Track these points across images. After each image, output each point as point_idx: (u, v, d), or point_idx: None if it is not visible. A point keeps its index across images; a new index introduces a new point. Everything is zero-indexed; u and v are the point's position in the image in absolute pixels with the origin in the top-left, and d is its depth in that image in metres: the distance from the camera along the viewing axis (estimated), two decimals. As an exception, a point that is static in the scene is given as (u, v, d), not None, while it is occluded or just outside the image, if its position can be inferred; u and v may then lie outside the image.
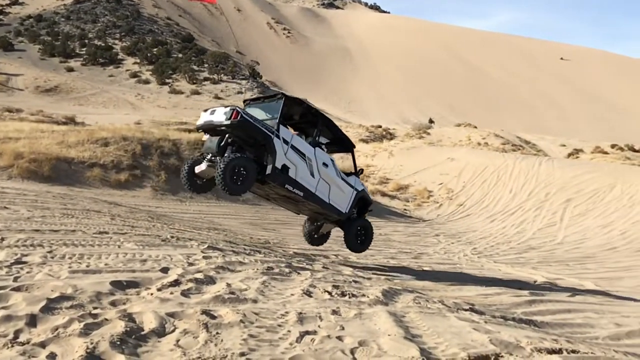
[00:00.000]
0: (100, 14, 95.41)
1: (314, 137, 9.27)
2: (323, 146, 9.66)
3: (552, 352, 4.02)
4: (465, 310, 5.98)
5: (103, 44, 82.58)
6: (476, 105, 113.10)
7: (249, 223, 16.06)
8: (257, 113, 8.94)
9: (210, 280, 5.28)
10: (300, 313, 4.34)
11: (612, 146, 46.53)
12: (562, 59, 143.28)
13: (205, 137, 8.95)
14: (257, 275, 5.80)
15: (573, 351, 4.24)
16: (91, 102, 58.35)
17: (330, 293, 5.32)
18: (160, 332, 3.67)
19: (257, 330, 3.81)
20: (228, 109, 8.23)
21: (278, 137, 8.40)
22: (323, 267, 8.10)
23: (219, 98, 66.88)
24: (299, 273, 6.43)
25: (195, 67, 77.78)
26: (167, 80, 71.99)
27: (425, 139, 45.67)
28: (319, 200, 9.16)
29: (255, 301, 4.65)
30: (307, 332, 3.86)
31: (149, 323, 3.79)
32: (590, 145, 47.51)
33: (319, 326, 4.06)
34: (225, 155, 8.19)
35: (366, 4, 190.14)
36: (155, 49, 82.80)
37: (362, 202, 10.27)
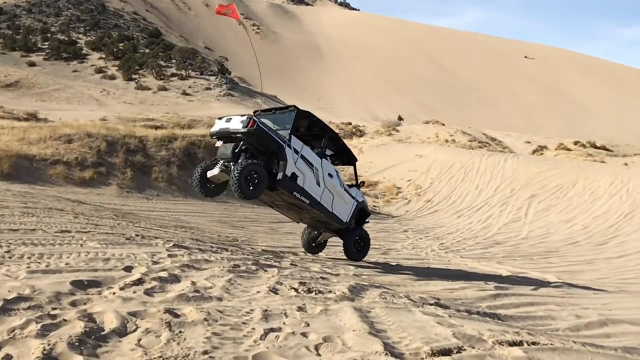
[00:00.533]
0: (64, 7, 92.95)
1: (321, 149, 9.73)
2: (328, 158, 10.14)
3: (513, 344, 4.11)
4: (431, 304, 6.05)
5: (66, 39, 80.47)
6: (444, 102, 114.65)
7: (217, 221, 15.93)
8: (268, 123, 9.24)
9: (175, 279, 5.21)
10: (266, 310, 4.32)
11: (575, 143, 47.79)
12: (526, 57, 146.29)
13: (219, 143, 9.31)
14: (223, 273, 5.75)
15: (533, 343, 4.34)
16: (54, 98, 56.88)
17: (296, 290, 5.31)
18: (121, 331, 3.60)
19: (221, 328, 3.77)
20: (245, 117, 8.68)
21: (290, 146, 8.92)
22: (291, 264, 8.08)
23: (187, 94, 66.04)
24: (265, 270, 6.40)
25: (162, 63, 76.54)
26: (134, 76, 70.66)
27: (395, 136, 46.06)
28: (322, 209, 9.61)
29: (220, 299, 4.61)
30: (272, 329, 3.84)
31: (110, 323, 3.71)
32: (554, 142, 48.69)
33: (284, 323, 4.05)
34: (240, 161, 8.56)
35: (336, 1, 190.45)
36: (121, 44, 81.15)
37: (361, 213, 10.70)
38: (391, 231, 18.97)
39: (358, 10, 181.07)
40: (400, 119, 70.82)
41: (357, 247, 10.51)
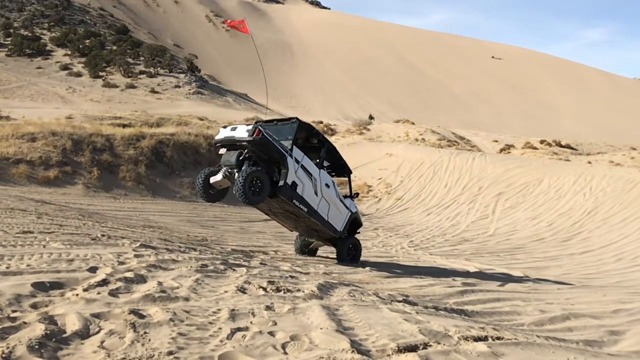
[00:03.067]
0: (27, 2, 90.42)
1: (320, 160, 10.08)
2: (325, 169, 10.51)
3: (478, 339, 4.18)
4: (399, 301, 6.11)
5: (30, 34, 78.31)
6: (414, 102, 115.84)
7: (186, 220, 15.74)
8: (271, 132, 9.50)
9: (141, 279, 5.13)
10: (233, 310, 4.29)
11: (541, 142, 48.86)
12: (493, 57, 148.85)
13: (222, 150, 9.56)
14: (191, 273, 5.68)
15: (498, 338, 4.42)
16: (17, 95, 55.30)
17: (265, 289, 5.29)
18: (83, 334, 3.53)
19: (187, 328, 3.73)
20: (251, 126, 8.98)
21: (291, 156, 9.27)
22: (260, 264, 8.05)
23: (156, 92, 65.04)
24: (234, 270, 6.35)
25: (130, 60, 75.19)
26: (101, 74, 69.22)
27: (365, 135, 46.30)
28: (319, 218, 9.92)
29: (187, 299, 4.56)
30: (239, 329, 3.82)
31: (72, 325, 3.63)
32: (521, 141, 49.69)
33: (251, 322, 4.03)
34: (244, 168, 8.86)
35: (307, 0, 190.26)
36: (87, 41, 79.36)
37: (354, 223, 11.08)
38: (362, 229, 19.06)
39: (329, 9, 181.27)
40: (371, 117, 71.21)
41: (349, 255, 10.83)
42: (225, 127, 9.64)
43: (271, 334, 3.78)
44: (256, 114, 58.04)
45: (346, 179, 11.65)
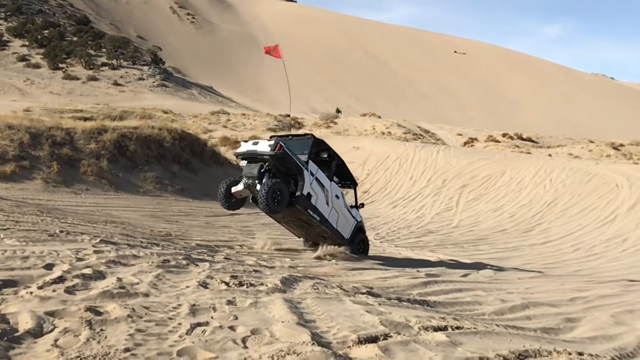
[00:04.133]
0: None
1: (330, 173, 10.88)
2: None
3: (437, 329, 4.24)
4: (363, 293, 6.14)
5: (-15, 24, 75.49)
6: (380, 95, 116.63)
7: (150, 215, 15.48)
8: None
9: (100, 276, 5.02)
10: (194, 305, 4.24)
11: (503, 135, 49.88)
12: (455, 52, 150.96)
13: (243, 163, 10.41)
14: (152, 268, 5.59)
15: (458, 327, 4.50)
16: (-28, 88, 53.29)
17: (227, 284, 5.25)
18: (37, 332, 3.43)
19: (146, 324, 3.67)
20: (272, 141, 9.70)
21: (307, 169, 10.09)
22: (225, 258, 7.98)
23: (119, 85, 63.63)
24: (197, 265, 6.28)
25: (92, 52, 73.32)
26: (61, 65, 67.29)
27: (333, 129, 46.40)
28: (329, 226, 10.71)
29: (147, 295, 4.48)
30: (199, 324, 3.78)
31: (25, 323, 3.52)
32: (484, 135, 50.63)
33: (211, 317, 3.99)
34: (265, 180, 9.63)
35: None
36: (46, 31, 76.96)
37: (359, 231, 11.78)
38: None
39: (295, 2, 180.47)
40: (338, 111, 71.39)
41: (360, 249, 11.64)
42: (246, 141, 10.49)
43: (232, 328, 3.75)
44: (222, 107, 57.44)
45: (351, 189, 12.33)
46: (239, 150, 10.25)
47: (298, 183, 9.94)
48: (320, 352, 3.33)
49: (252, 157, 10.00)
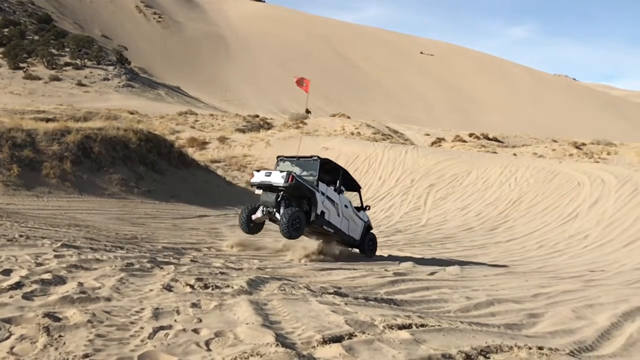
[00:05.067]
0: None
1: (337, 185, 11.94)
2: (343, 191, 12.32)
3: (402, 327, 4.28)
4: (330, 293, 6.16)
5: (-59, 22, 72.84)
6: (349, 96, 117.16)
7: (115, 218, 15.17)
8: (290, 167, 11.60)
9: (60, 280, 4.89)
10: (157, 308, 4.18)
11: (470, 135, 50.71)
12: (422, 53, 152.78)
13: (258, 191, 11.34)
14: (115, 272, 5.48)
15: (422, 325, 4.55)
16: None
17: (192, 286, 5.19)
18: (-8, 340, 3.32)
19: (107, 329, 3.60)
20: (284, 173, 10.64)
21: (318, 191, 11.13)
22: (191, 261, 7.90)
23: (83, 85, 62.22)
24: (161, 268, 6.19)
25: (54, 51, 71.51)
26: (22, 65, 65.39)
27: (302, 129, 46.36)
28: (342, 234, 11.87)
29: (108, 299, 4.39)
30: (162, 327, 3.72)
31: (-21, 331, 3.41)
32: (451, 135, 51.37)
33: (175, 320, 3.93)
34: (284, 211, 10.65)
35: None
36: (6, 30, 74.71)
37: (367, 229, 12.94)
38: (297, 223, 19.12)
39: (264, 1, 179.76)
40: (307, 112, 71.39)
41: (369, 247, 12.70)
42: (258, 171, 11.37)
43: (195, 331, 3.71)
44: (189, 107, 56.77)
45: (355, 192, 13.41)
46: (253, 180, 11.25)
47: (311, 203, 11.03)
48: (284, 352, 3.32)
49: (267, 187, 10.99)
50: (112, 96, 58.71)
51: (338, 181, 12.07)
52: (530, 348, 4.32)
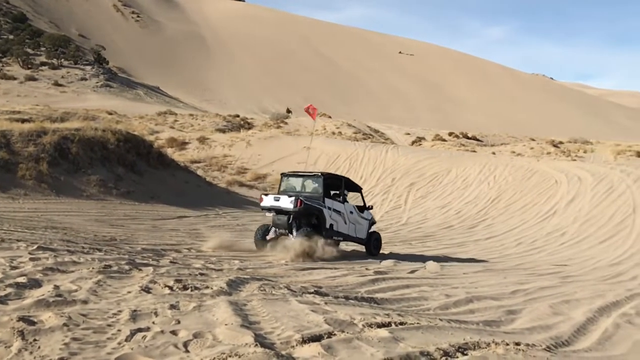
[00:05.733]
0: None
1: (341, 194, 12.73)
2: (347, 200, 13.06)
3: (381, 325, 4.31)
4: (310, 293, 6.16)
5: None
6: (330, 95, 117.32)
7: (94, 219, 14.98)
8: (296, 183, 12.55)
9: (36, 284, 4.82)
10: (135, 310, 4.14)
11: (450, 134, 51.13)
12: (400, 52, 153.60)
13: (269, 214, 12.17)
14: (92, 274, 5.42)
15: (401, 323, 4.58)
16: None
17: (171, 288, 5.15)
18: (-37, 346, 3.26)
19: (83, 332, 3.55)
20: (293, 199, 11.38)
21: (325, 207, 11.97)
22: (171, 262, 7.83)
23: (60, 85, 61.26)
24: (140, 269, 6.13)
25: (30, 51, 70.28)
26: (-4, 65, 64.17)
27: (283, 129, 46.26)
28: (351, 238, 12.83)
29: (85, 302, 4.34)
30: (140, 330, 3.69)
31: (-50, 337, 3.34)
32: (431, 134, 51.75)
33: (153, 322, 3.90)
34: (296, 231, 11.51)
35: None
36: (-20, 29, 73.21)
37: (371, 225, 13.74)
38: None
39: (244, 1, 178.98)
40: (288, 111, 71.34)
41: (374, 247, 13.35)
42: (267, 194, 12.11)
43: (173, 332, 3.68)
44: (169, 107, 56.26)
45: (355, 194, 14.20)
46: (263, 204, 12.03)
47: (320, 219, 11.89)
48: (263, 353, 3.32)
49: (277, 210, 11.75)
50: (90, 96, 57.91)
51: (341, 191, 12.86)
52: (507, 344, 4.38)
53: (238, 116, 53.34)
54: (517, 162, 25.94)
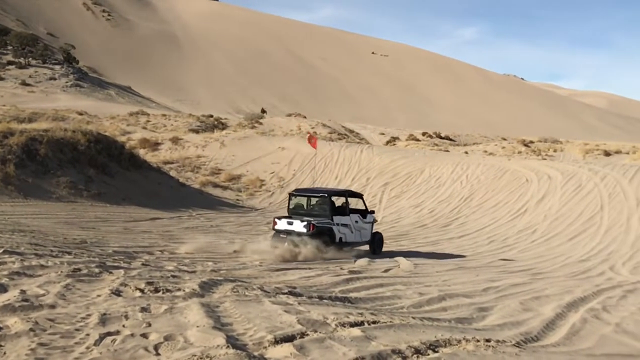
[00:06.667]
0: None
1: (346, 206, 13.83)
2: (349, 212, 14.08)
3: (354, 325, 4.33)
4: (284, 294, 6.15)
5: None
6: (305, 95, 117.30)
7: (63, 222, 14.67)
8: (304, 202, 13.75)
9: (1, 288, 4.70)
10: (104, 314, 4.08)
11: (423, 134, 51.65)
12: (373, 53, 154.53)
13: (283, 235, 12.83)
14: (61, 278, 5.31)
15: (374, 322, 4.61)
16: None
17: (142, 290, 5.08)
18: None
19: (50, 337, 3.48)
20: (306, 223, 12.53)
21: (334, 224, 13.15)
22: (143, 265, 7.73)
23: (27, 85, 59.84)
24: (111, 272, 6.03)
25: (-4, 50, 68.48)
26: (-39, 64, 62.34)
27: (258, 129, 46.06)
28: (358, 244, 13.89)
29: (53, 306, 4.25)
30: (109, 333, 3.63)
31: None
32: (405, 134, 52.18)
33: (123, 325, 3.85)
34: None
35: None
36: (-57, 27, 71.01)
37: (374, 227, 14.75)
38: (254, 224, 18.96)
39: (217, 0, 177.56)
40: (263, 111, 71.05)
41: (378, 246, 14.31)
42: (280, 218, 13.17)
43: (144, 335, 3.64)
44: (141, 107, 55.47)
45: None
46: (277, 227, 13.00)
47: (330, 235, 12.94)
48: (235, 354, 3.30)
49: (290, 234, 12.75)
50: (60, 96, 56.74)
51: (346, 203, 14.04)
52: (478, 341, 4.44)
53: (212, 116, 52.89)
54: (489, 161, 26.32)
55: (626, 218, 17.64)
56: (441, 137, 51.00)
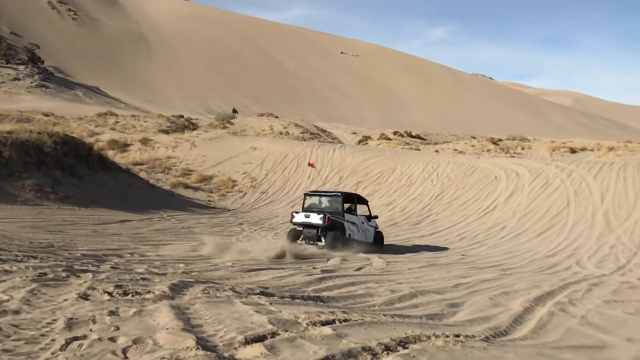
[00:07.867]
0: None
1: (354, 207, 15.29)
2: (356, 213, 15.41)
3: (325, 323, 4.34)
4: (256, 294, 6.13)
5: None
6: (277, 95, 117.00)
7: (29, 226, 14.29)
8: (318, 201, 15.08)
9: (-37, 295, 4.56)
10: (71, 319, 4.00)
11: (395, 133, 52.11)
12: (342, 52, 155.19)
13: (299, 227, 14.34)
14: (25, 283, 5.18)
15: (345, 320, 4.63)
16: None
17: (110, 294, 5.00)
18: None
19: (14, 343, 3.40)
20: (322, 215, 13.94)
21: (345, 220, 14.44)
22: (112, 268, 7.60)
23: (-9, 85, 58.19)
24: (78, 276, 5.91)
25: (-43, 49, 66.40)
26: None
27: (229, 129, 45.75)
28: (363, 243, 14.84)
29: (17, 312, 4.15)
30: (76, 338, 3.57)
31: None
32: (377, 133, 52.55)
33: (90, 330, 3.78)
34: (324, 239, 13.92)
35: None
36: None
37: (377, 232, 16.10)
38: (226, 225, 18.83)
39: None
40: (234, 111, 70.58)
41: (379, 243, 15.69)
42: (297, 212, 14.53)
43: (112, 339, 3.58)
44: (109, 108, 54.48)
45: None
46: (295, 221, 14.37)
47: (341, 230, 14.20)
48: (204, 356, 3.28)
49: (307, 226, 14.12)
50: (24, 97, 55.34)
51: (354, 205, 15.37)
52: (447, 336, 4.51)
53: (182, 117, 52.25)
54: (458, 160, 26.70)
55: (591, 214, 18.13)
56: (412, 136, 51.53)
